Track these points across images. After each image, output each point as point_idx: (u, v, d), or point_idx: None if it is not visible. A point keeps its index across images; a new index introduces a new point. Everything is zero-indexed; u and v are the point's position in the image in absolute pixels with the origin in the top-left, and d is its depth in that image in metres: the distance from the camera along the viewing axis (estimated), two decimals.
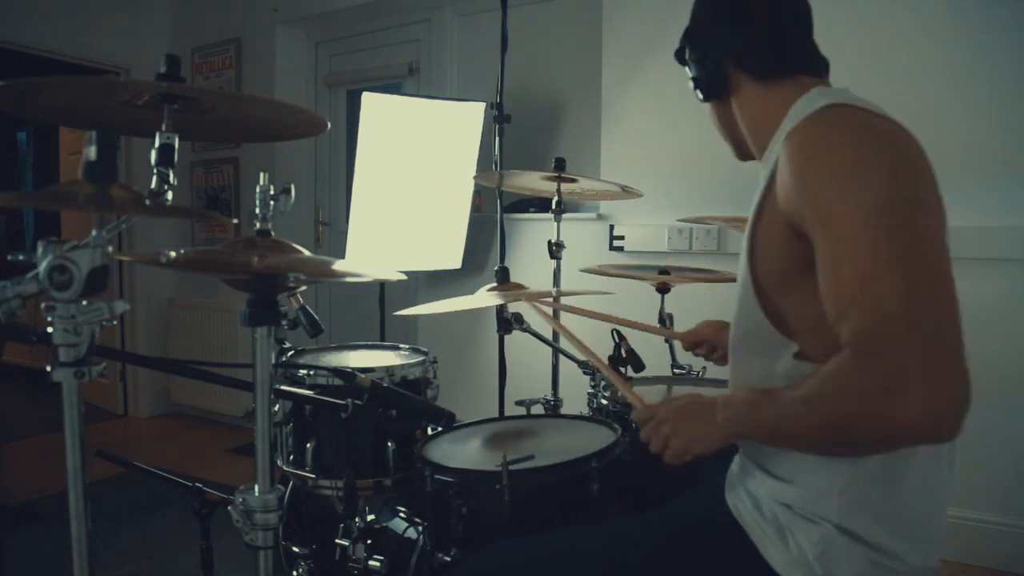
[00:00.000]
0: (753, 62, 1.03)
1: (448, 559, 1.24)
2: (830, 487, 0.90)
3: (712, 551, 0.98)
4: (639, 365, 1.90)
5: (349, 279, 1.22)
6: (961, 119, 2.34)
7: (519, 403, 1.78)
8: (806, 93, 0.96)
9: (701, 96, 1.10)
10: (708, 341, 1.52)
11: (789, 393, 0.85)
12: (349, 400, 1.26)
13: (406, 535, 1.61)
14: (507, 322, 1.91)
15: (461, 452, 1.40)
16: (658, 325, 1.91)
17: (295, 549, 1.69)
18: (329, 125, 1.18)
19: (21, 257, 0.85)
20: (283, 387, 1.45)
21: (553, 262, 2.22)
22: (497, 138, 2.75)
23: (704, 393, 1.01)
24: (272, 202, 1.17)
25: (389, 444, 1.53)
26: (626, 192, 2.19)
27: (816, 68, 1.04)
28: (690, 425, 0.96)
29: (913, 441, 0.79)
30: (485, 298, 1.59)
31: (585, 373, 1.90)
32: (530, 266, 3.15)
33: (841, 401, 0.78)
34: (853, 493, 0.89)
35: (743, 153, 1.14)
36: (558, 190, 2.14)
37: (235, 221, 1.14)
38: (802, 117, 0.91)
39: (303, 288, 1.59)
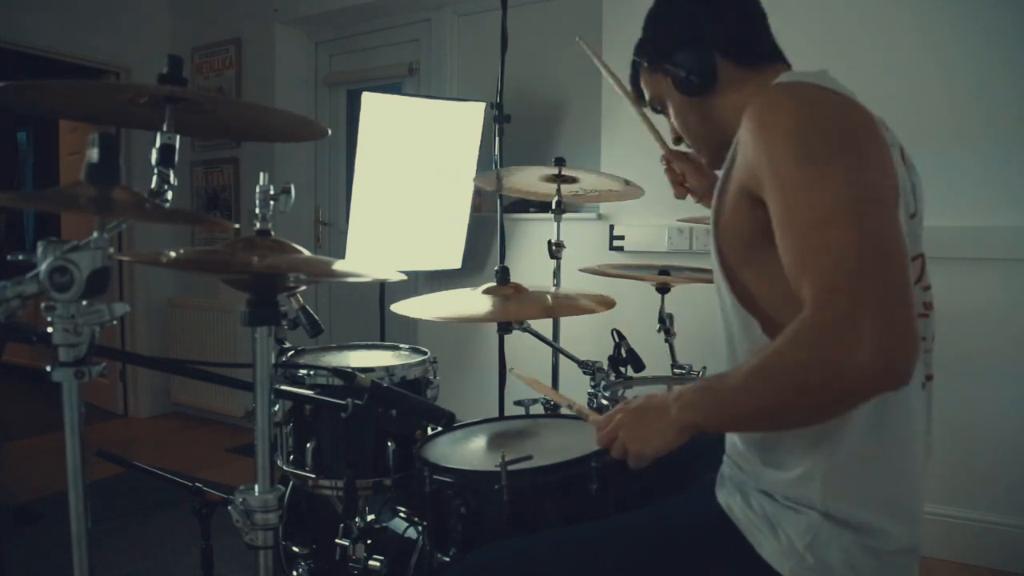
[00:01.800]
0: (739, 48, 1.05)
1: (447, 559, 1.24)
2: (813, 470, 0.91)
3: (705, 546, 0.99)
4: (639, 365, 1.91)
5: (349, 279, 1.23)
6: (957, 117, 2.35)
7: (518, 403, 1.78)
8: (778, 77, 0.99)
9: (689, 90, 1.07)
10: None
11: (736, 371, 0.85)
12: (349, 400, 1.26)
13: (406, 535, 1.61)
14: (507, 322, 1.91)
15: (460, 452, 1.40)
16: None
17: (295, 549, 1.69)
18: (329, 132, 1.18)
19: (21, 257, 0.85)
20: (283, 387, 1.45)
21: (553, 262, 2.22)
22: (497, 138, 2.75)
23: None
24: (272, 202, 1.18)
25: (389, 444, 1.53)
26: (628, 186, 2.18)
27: (786, 59, 1.08)
28: (644, 426, 0.95)
29: (866, 385, 0.76)
30: (481, 301, 1.59)
31: (585, 373, 1.90)
32: (530, 266, 3.15)
33: (794, 355, 0.77)
34: (836, 475, 0.90)
35: (718, 156, 1.12)
36: (558, 190, 2.14)
37: (236, 226, 1.14)
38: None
39: (303, 288, 1.59)
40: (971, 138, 2.33)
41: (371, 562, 1.47)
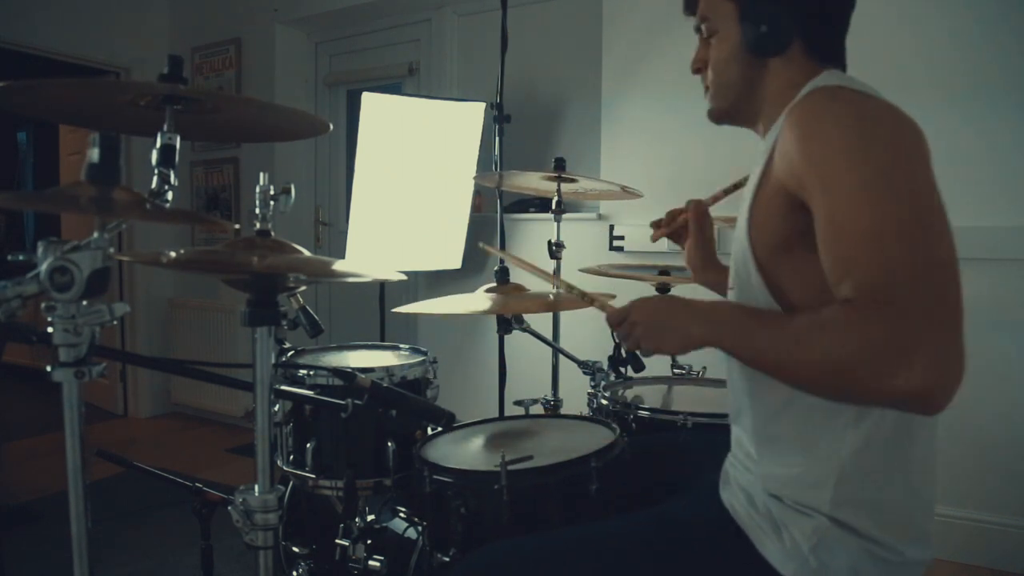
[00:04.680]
0: (817, 38, 1.01)
1: (447, 559, 1.24)
2: (824, 480, 0.90)
3: (707, 547, 0.98)
4: (639, 365, 1.91)
5: (349, 279, 1.23)
6: (954, 121, 2.35)
7: (518, 403, 1.78)
8: (819, 75, 0.96)
9: (751, 45, 1.01)
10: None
11: (780, 326, 0.83)
12: (349, 400, 1.26)
13: (406, 535, 1.61)
14: (507, 322, 1.91)
15: (460, 452, 1.40)
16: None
17: (295, 549, 1.69)
18: (331, 127, 1.18)
19: (21, 257, 0.85)
20: (283, 387, 1.46)
21: (553, 262, 2.22)
22: (497, 138, 2.75)
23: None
24: (272, 202, 1.17)
25: (389, 444, 1.54)
26: (626, 192, 2.19)
27: (844, 67, 1.04)
28: (662, 329, 0.94)
29: (896, 405, 0.77)
30: (482, 299, 1.58)
31: (585, 373, 1.90)
32: None
33: (836, 349, 0.76)
34: (845, 488, 0.89)
35: (728, 113, 1.09)
36: (558, 190, 2.14)
37: (236, 226, 1.15)
38: (805, 94, 0.92)
39: (303, 288, 1.59)
40: (969, 138, 2.34)
41: (371, 562, 1.47)
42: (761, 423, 0.98)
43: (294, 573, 1.66)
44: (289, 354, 1.72)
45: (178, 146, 1.04)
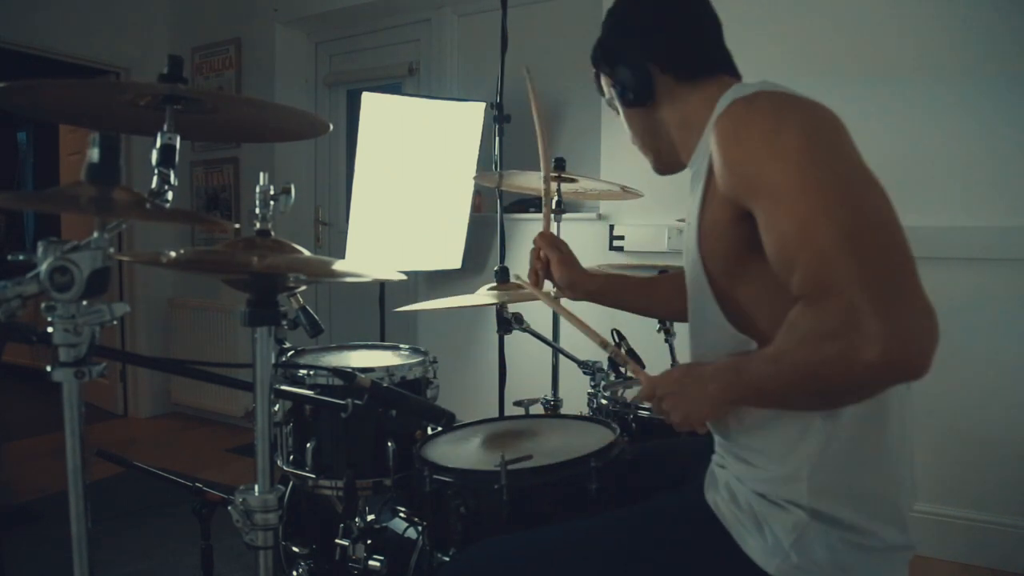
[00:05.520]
0: (678, 63, 1.07)
1: (447, 559, 1.24)
2: (799, 471, 0.91)
3: (692, 545, 1.00)
4: (639, 365, 1.91)
5: (349, 279, 1.23)
6: (946, 120, 2.35)
7: (517, 403, 1.78)
8: (728, 90, 0.99)
9: (628, 103, 1.11)
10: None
11: (762, 352, 0.86)
12: (349, 400, 1.26)
13: (406, 535, 1.61)
14: (507, 322, 1.91)
15: (460, 452, 1.40)
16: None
17: (295, 549, 1.69)
18: (331, 127, 1.18)
19: (21, 257, 0.85)
20: (283, 387, 1.46)
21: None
22: (497, 138, 2.75)
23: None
24: (272, 202, 1.17)
25: (389, 444, 1.54)
26: (626, 192, 2.19)
27: (734, 69, 1.09)
28: (685, 398, 0.95)
29: (880, 380, 0.78)
30: (484, 296, 1.59)
31: (585, 373, 1.90)
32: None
33: (802, 350, 0.79)
34: (821, 476, 0.91)
35: (665, 164, 1.17)
36: (558, 190, 2.14)
37: (236, 226, 1.16)
38: (726, 107, 0.95)
39: (303, 288, 1.59)
40: (969, 137, 2.34)
41: (371, 562, 1.47)
42: (736, 431, 1.00)
43: (294, 573, 1.66)
44: (289, 354, 1.72)
45: (178, 146, 1.04)
